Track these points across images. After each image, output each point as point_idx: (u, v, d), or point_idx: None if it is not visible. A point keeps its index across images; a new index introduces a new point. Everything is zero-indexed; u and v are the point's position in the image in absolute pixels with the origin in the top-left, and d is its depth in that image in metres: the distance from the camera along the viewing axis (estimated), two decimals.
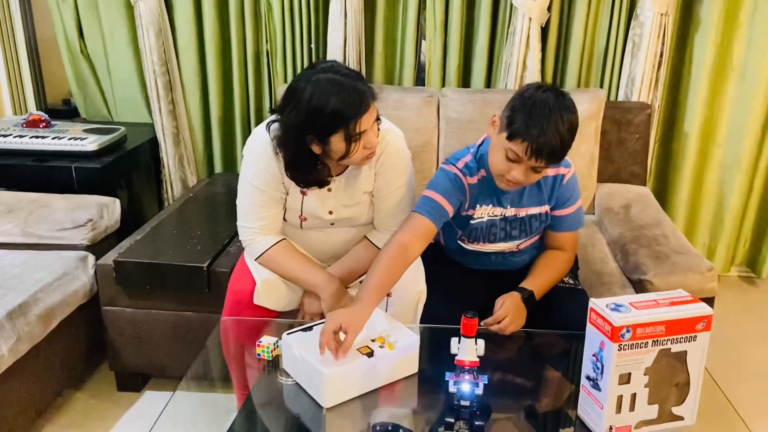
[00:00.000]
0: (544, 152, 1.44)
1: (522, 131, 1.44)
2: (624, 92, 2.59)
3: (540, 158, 1.45)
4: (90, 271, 2.07)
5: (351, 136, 1.44)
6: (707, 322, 1.15)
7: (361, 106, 1.43)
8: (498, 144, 1.52)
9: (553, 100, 1.44)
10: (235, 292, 1.67)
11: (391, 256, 1.52)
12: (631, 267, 1.99)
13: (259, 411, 1.37)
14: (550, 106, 1.43)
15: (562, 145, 1.45)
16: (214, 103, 2.77)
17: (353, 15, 2.51)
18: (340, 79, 1.43)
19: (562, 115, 1.44)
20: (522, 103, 1.46)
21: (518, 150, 1.45)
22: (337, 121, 1.42)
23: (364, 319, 1.39)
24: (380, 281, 1.48)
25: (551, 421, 1.36)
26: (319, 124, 1.44)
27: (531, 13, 2.44)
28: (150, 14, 2.56)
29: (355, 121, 1.43)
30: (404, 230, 1.58)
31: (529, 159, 1.45)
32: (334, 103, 1.41)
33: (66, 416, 2.04)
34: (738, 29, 2.54)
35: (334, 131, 1.44)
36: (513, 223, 1.68)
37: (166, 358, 2.07)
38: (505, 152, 1.49)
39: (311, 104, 1.42)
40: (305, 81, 1.44)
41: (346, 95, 1.41)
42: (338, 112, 1.41)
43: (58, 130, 2.52)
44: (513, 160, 1.49)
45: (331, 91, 1.41)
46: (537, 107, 1.43)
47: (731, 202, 2.79)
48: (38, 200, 2.26)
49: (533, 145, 1.43)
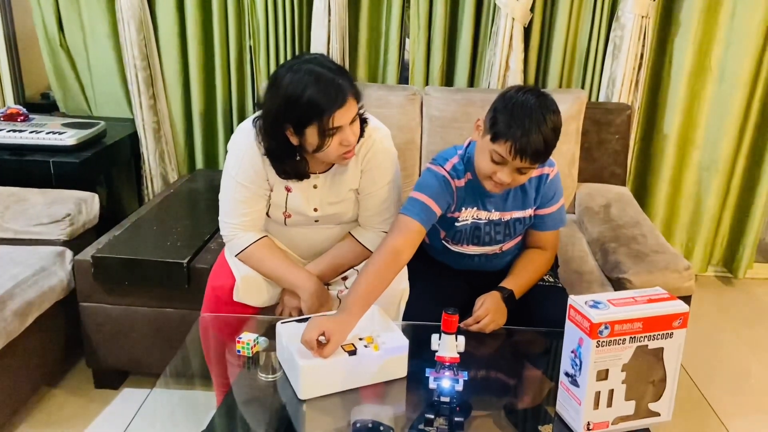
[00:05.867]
0: (528, 152, 1.44)
1: (505, 132, 1.45)
2: (605, 93, 2.62)
3: (524, 158, 1.45)
4: (67, 267, 2.04)
5: (325, 130, 1.43)
6: (683, 320, 1.17)
7: (336, 100, 1.41)
8: (483, 147, 1.53)
9: (534, 101, 1.46)
10: (215, 289, 1.66)
11: (383, 263, 1.50)
12: (610, 266, 2.01)
13: (238, 408, 1.36)
14: (531, 106, 1.44)
15: (545, 144, 1.45)
16: (196, 98, 2.75)
17: (337, 12, 2.51)
18: (321, 70, 1.42)
19: (544, 115, 1.45)
20: (504, 105, 1.48)
21: (502, 151, 1.46)
22: (311, 112, 1.41)
23: (349, 329, 1.37)
24: (369, 288, 1.45)
25: (531, 417, 1.37)
26: (294, 113, 1.42)
27: (514, 14, 2.46)
28: (131, 7, 2.53)
29: (330, 115, 1.41)
30: (396, 235, 1.55)
31: (513, 159, 1.46)
32: (310, 93, 1.39)
33: (42, 413, 2.01)
34: (717, 32, 2.58)
35: (309, 123, 1.43)
36: (497, 226, 1.68)
37: (145, 355, 2.05)
38: (490, 154, 1.50)
39: (288, 92, 1.41)
40: (287, 69, 1.44)
41: (323, 87, 1.40)
42: (313, 102, 1.40)
43: (36, 124, 2.48)
44: (498, 162, 1.49)
45: (309, 81, 1.40)
46: (518, 108, 1.45)
47: (709, 202, 2.83)
48: (15, 194, 2.22)
49: (517, 145, 1.44)
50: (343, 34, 2.57)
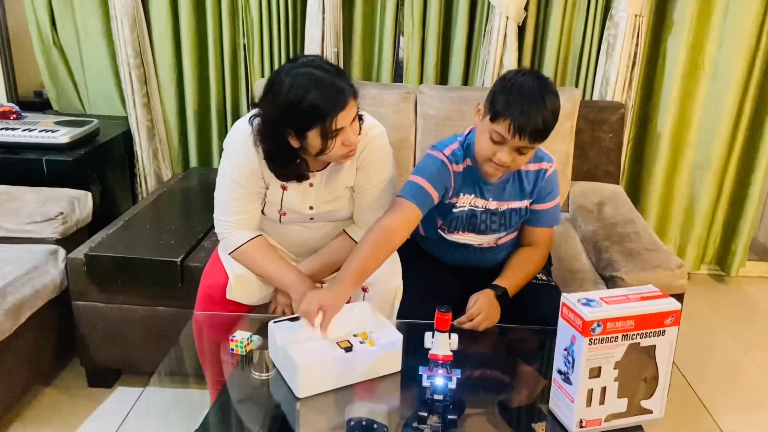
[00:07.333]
0: (527, 130, 1.47)
1: (504, 111, 1.48)
2: (599, 92, 2.62)
3: (523, 136, 1.48)
4: (60, 265, 2.03)
5: (328, 133, 1.44)
6: (676, 317, 1.17)
7: (338, 103, 1.42)
8: (483, 128, 1.55)
9: (533, 82, 1.49)
10: (208, 287, 1.66)
11: (375, 239, 1.52)
12: (603, 264, 2.01)
13: (232, 406, 1.36)
14: (530, 87, 1.48)
15: (544, 122, 1.48)
16: (190, 96, 2.74)
17: (331, 10, 2.50)
18: (320, 74, 1.42)
19: (543, 95, 1.48)
20: (503, 86, 1.51)
21: (501, 129, 1.49)
22: (314, 116, 1.42)
23: (342, 300, 1.42)
24: (363, 263, 1.49)
25: (524, 415, 1.38)
26: (296, 118, 1.43)
27: (508, 12, 2.46)
28: (124, 5, 2.52)
29: (332, 118, 1.42)
30: (390, 215, 1.58)
31: (513, 138, 1.48)
32: (312, 97, 1.40)
33: (35, 412, 2.01)
34: (710, 31, 2.59)
35: (311, 126, 1.43)
36: (494, 215, 1.69)
37: (138, 353, 2.05)
38: (489, 134, 1.52)
39: (289, 98, 1.41)
40: (285, 74, 1.44)
41: (324, 91, 1.41)
42: (315, 107, 1.41)
43: (29, 122, 2.47)
44: (498, 142, 1.52)
45: (310, 85, 1.40)
46: (517, 88, 1.48)
47: (702, 201, 2.84)
48: (8, 193, 2.21)
49: (515, 123, 1.46)
50: (337, 32, 2.56)
